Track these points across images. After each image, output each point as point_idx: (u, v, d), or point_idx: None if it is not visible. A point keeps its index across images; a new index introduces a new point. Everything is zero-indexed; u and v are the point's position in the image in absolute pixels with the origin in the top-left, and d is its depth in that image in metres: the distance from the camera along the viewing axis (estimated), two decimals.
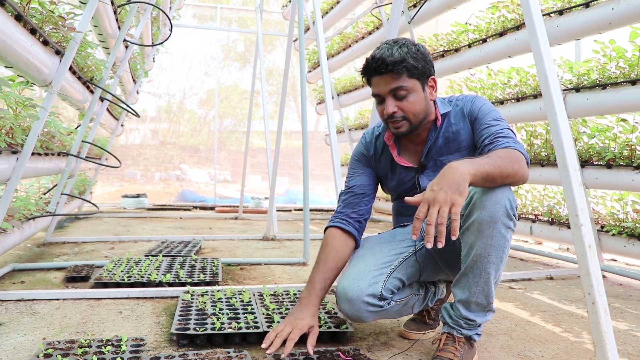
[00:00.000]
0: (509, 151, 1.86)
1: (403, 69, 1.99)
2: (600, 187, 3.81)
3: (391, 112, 2.03)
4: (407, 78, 2.01)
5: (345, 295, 2.05)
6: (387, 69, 1.99)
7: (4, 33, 2.11)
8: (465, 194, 1.63)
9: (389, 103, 2.04)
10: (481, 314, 1.96)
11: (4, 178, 2.67)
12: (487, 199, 1.81)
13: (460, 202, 1.61)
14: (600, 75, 3.58)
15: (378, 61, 2.01)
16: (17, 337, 2.22)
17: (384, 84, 2.03)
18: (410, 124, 2.07)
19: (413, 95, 2.04)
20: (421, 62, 2.03)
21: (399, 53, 1.99)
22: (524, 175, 1.85)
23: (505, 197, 1.81)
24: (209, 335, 2.17)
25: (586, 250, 1.39)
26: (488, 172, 1.74)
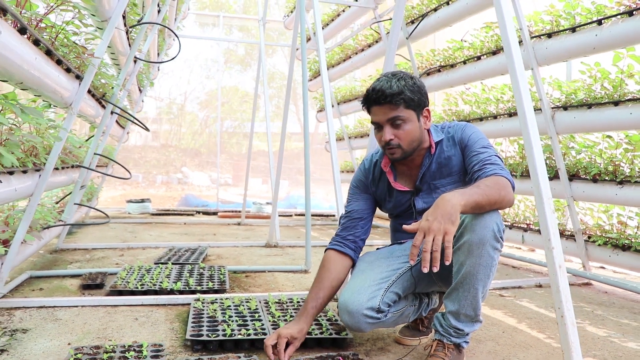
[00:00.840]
0: (496, 178, 2.07)
1: (400, 100, 2.20)
2: (586, 200, 4.02)
3: (388, 139, 2.24)
4: (403, 109, 2.22)
5: (346, 308, 2.26)
6: (386, 100, 2.20)
7: (39, 71, 2.34)
8: (456, 223, 1.84)
9: (386, 131, 2.24)
10: (469, 324, 2.17)
11: (28, 194, 2.87)
12: (477, 223, 2.02)
13: (452, 231, 1.82)
14: (586, 95, 3.79)
15: (378, 93, 2.22)
16: (45, 342, 2.42)
17: (382, 114, 2.24)
18: (404, 152, 2.28)
19: (409, 124, 2.24)
20: (417, 94, 2.24)
21: (397, 86, 2.20)
22: (510, 200, 2.06)
23: (493, 221, 2.02)
24: (221, 341, 2.37)
25: (557, 270, 1.60)
26: (477, 201, 1.95)
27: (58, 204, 4.72)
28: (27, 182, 2.78)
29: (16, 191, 2.55)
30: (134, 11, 4.16)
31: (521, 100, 1.72)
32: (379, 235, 6.62)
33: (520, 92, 1.72)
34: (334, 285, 2.37)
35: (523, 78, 1.75)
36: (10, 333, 2.53)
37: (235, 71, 22.85)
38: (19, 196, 2.66)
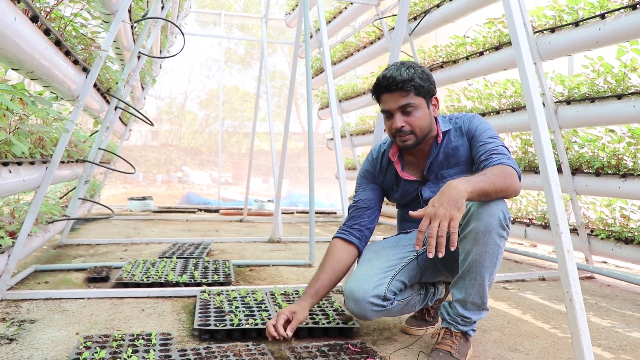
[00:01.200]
0: (503, 167, 2.09)
1: (411, 87, 2.22)
2: (589, 194, 4.03)
3: (399, 126, 2.26)
4: (414, 96, 2.24)
5: (352, 295, 2.27)
6: (397, 86, 2.22)
7: (49, 61, 2.35)
8: (462, 209, 1.85)
9: (397, 118, 2.26)
10: (476, 312, 2.19)
11: (35, 186, 2.89)
12: (483, 211, 2.04)
13: (458, 217, 1.84)
14: (589, 89, 3.81)
15: (389, 80, 2.23)
16: (53, 332, 2.43)
17: (393, 101, 2.26)
18: (416, 138, 2.29)
19: (419, 111, 2.26)
20: (426, 82, 2.26)
21: (407, 73, 2.22)
22: (516, 189, 2.08)
23: (499, 209, 2.04)
24: (228, 330, 2.39)
25: (565, 255, 1.61)
26: (483, 189, 1.96)
27: (62, 199, 4.73)
28: (34, 173, 2.79)
29: (24, 182, 2.56)
30: (139, 6, 4.18)
31: (526, 75, 1.73)
32: (381, 232, 6.63)
33: (525, 69, 1.74)
34: (335, 268, 2.39)
35: (528, 58, 1.77)
36: (18, 323, 2.54)
37: (235, 70, 22.91)
38: (27, 187, 2.67)
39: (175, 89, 22.68)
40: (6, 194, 2.45)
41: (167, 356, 2.02)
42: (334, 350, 2.18)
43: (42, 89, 2.92)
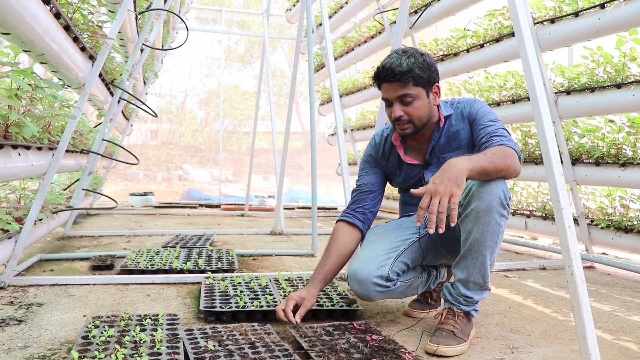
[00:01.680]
0: (503, 148, 2.13)
1: (410, 78, 2.24)
2: (589, 184, 4.07)
3: (398, 115, 2.29)
4: (412, 86, 2.27)
5: (355, 276, 2.31)
6: (395, 78, 2.25)
7: (59, 46, 2.39)
8: (462, 186, 1.89)
9: (396, 108, 2.30)
10: (478, 292, 2.22)
11: (42, 172, 2.92)
12: (484, 190, 2.07)
13: (458, 194, 1.88)
14: (589, 80, 3.85)
15: (387, 71, 2.26)
16: (60, 315, 2.47)
17: (392, 91, 2.29)
18: (415, 127, 2.33)
19: (418, 101, 2.29)
20: (426, 71, 2.28)
21: (406, 63, 2.24)
22: (516, 169, 2.12)
23: (499, 189, 2.07)
24: (234, 312, 2.42)
25: (566, 230, 1.65)
26: (483, 167, 2.00)
27: (66, 190, 4.76)
28: (41, 160, 2.82)
29: (32, 166, 2.59)
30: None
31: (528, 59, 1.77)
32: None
33: (528, 56, 1.78)
34: (342, 254, 2.42)
35: (531, 47, 1.80)
36: (26, 307, 2.58)
37: (235, 69, 22.91)
38: (34, 172, 2.70)
39: (175, 87, 22.68)
40: (15, 178, 2.48)
41: (174, 335, 2.05)
42: (339, 330, 2.21)
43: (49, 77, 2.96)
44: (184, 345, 1.96)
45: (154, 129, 22.57)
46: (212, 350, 1.91)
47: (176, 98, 22.59)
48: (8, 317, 2.39)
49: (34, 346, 2.04)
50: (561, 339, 2.34)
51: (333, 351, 1.93)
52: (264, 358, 1.84)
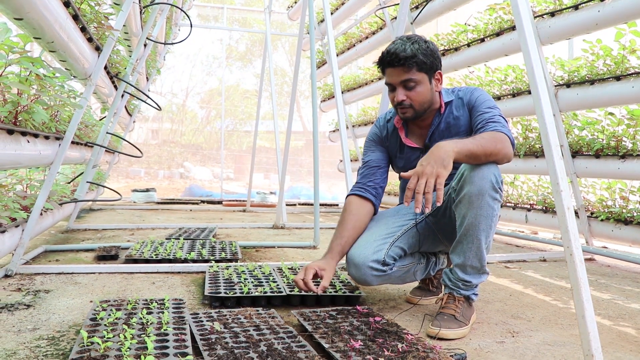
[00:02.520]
0: (494, 133, 2.18)
1: (413, 63, 2.29)
2: (589, 176, 4.10)
3: (400, 100, 2.34)
4: (416, 72, 2.32)
5: (352, 261, 2.36)
6: (399, 62, 2.30)
7: (67, 35, 2.43)
8: (449, 167, 1.95)
9: (399, 92, 2.34)
10: (476, 276, 2.26)
11: (49, 162, 2.96)
12: (475, 174, 2.12)
13: (444, 175, 1.94)
14: (589, 72, 3.88)
15: (392, 55, 2.32)
16: (67, 300, 2.51)
17: (396, 75, 2.34)
18: (415, 112, 2.38)
19: (420, 86, 2.34)
20: (430, 57, 2.33)
21: (410, 49, 2.30)
22: (507, 154, 2.16)
23: (491, 172, 2.12)
24: (238, 298, 2.46)
25: (565, 212, 1.68)
26: (471, 149, 2.06)
27: (70, 183, 4.80)
28: (48, 149, 2.86)
29: (40, 154, 2.63)
30: None
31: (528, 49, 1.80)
32: None
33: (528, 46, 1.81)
34: (357, 226, 2.46)
35: (532, 38, 1.84)
36: (33, 293, 2.62)
37: (236, 68, 22.96)
38: (42, 160, 2.73)
39: (177, 85, 22.75)
40: (24, 165, 2.52)
41: (180, 317, 2.09)
42: (342, 314, 2.25)
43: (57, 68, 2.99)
44: (190, 327, 2.00)
45: (155, 128, 22.66)
46: (218, 331, 1.95)
47: (177, 97, 22.66)
48: (17, 302, 2.43)
49: (42, 328, 2.08)
50: (561, 325, 2.37)
51: (337, 333, 1.97)
52: (269, 339, 1.88)
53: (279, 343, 1.84)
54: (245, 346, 1.79)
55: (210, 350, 1.74)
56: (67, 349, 1.86)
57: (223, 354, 1.71)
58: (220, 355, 1.70)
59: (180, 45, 20.70)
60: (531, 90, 1.77)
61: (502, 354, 1.96)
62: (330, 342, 1.87)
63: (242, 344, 1.82)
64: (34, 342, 1.91)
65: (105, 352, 1.66)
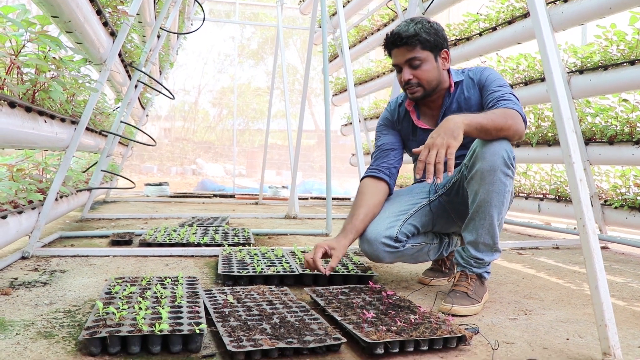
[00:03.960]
0: (505, 110, 2.18)
1: (416, 42, 2.32)
2: (603, 163, 4.07)
3: (407, 79, 2.36)
4: (420, 50, 2.34)
5: (365, 237, 2.39)
6: (402, 42, 2.33)
7: (84, 16, 2.47)
8: (459, 138, 1.96)
9: (405, 71, 2.36)
10: (488, 254, 2.26)
11: (64, 145, 2.99)
12: (487, 150, 2.12)
13: (455, 145, 1.94)
14: (602, 58, 3.86)
15: (395, 36, 2.36)
16: (83, 279, 2.54)
17: (400, 55, 2.37)
18: (424, 90, 2.39)
19: (426, 64, 2.36)
20: (433, 36, 2.35)
21: (413, 29, 2.33)
22: (519, 130, 2.16)
23: (502, 148, 2.12)
24: (251, 276, 2.48)
25: (578, 184, 1.68)
26: (481, 123, 2.06)
27: (85, 172, 4.85)
28: (64, 132, 2.89)
29: (57, 135, 2.66)
30: None
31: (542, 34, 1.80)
32: None
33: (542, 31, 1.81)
34: (370, 205, 2.46)
35: (546, 24, 1.83)
36: (49, 273, 2.65)
37: (247, 65, 23.00)
38: (58, 142, 2.77)
39: (189, 82, 22.85)
40: (41, 145, 2.55)
41: (194, 292, 2.11)
42: (355, 291, 2.26)
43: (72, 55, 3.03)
44: (204, 302, 2.02)
45: (167, 127, 22.78)
46: (231, 304, 1.97)
47: (189, 94, 22.75)
48: (34, 280, 2.47)
49: (59, 303, 2.11)
50: (574, 304, 2.37)
51: (349, 307, 1.98)
52: (282, 312, 1.89)
53: (292, 316, 1.85)
54: (258, 318, 1.81)
55: (223, 322, 1.76)
56: (82, 320, 1.89)
57: (236, 324, 1.72)
58: (234, 325, 1.71)
59: (192, 43, 20.77)
60: (541, 56, 1.77)
61: (515, 329, 1.96)
62: (343, 315, 1.88)
63: (255, 316, 1.84)
64: (50, 315, 1.94)
65: (120, 320, 1.68)
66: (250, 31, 22.51)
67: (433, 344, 1.68)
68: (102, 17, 2.88)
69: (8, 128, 1.97)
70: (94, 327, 1.63)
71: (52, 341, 1.67)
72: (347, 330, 1.74)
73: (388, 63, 7.38)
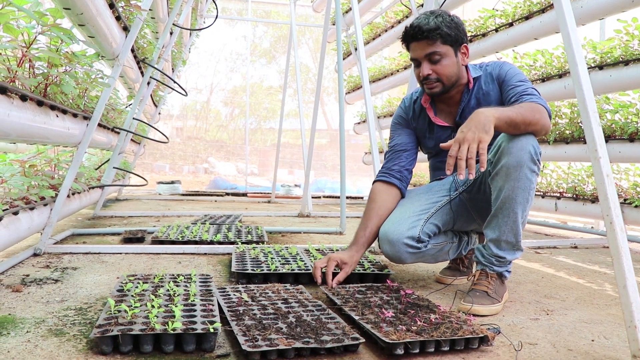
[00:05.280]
0: (531, 104, 2.11)
1: (437, 35, 2.25)
2: (623, 161, 3.98)
3: (426, 74, 2.29)
4: (440, 44, 2.27)
5: (386, 237, 2.31)
6: (422, 35, 2.26)
7: (97, 9, 2.43)
8: (490, 132, 1.88)
9: (424, 66, 2.30)
10: (510, 252, 2.20)
11: (77, 141, 2.96)
12: (513, 145, 2.06)
13: (487, 140, 1.87)
14: (623, 53, 3.77)
15: (415, 29, 2.28)
16: (94, 277, 2.50)
17: (420, 49, 2.29)
18: (443, 85, 2.32)
19: (446, 59, 2.29)
20: (454, 30, 2.28)
21: (434, 22, 2.25)
22: (545, 124, 2.09)
23: (529, 144, 2.05)
24: (265, 274, 2.43)
25: (605, 179, 1.62)
26: (511, 117, 1.99)
27: (97, 169, 4.83)
28: (76, 127, 2.86)
29: (69, 130, 2.63)
30: None
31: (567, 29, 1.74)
32: None
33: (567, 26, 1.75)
34: (381, 215, 2.41)
35: (571, 16, 1.77)
36: (61, 270, 2.62)
37: (259, 64, 22.98)
38: (70, 138, 2.73)
39: (201, 81, 22.88)
40: (52, 140, 2.52)
41: (207, 290, 2.06)
42: (372, 290, 2.21)
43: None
44: (218, 300, 1.97)
45: (179, 126, 22.84)
46: (245, 303, 1.92)
47: (202, 93, 22.78)
48: (45, 277, 2.44)
49: (70, 300, 2.07)
50: (597, 304, 2.30)
51: (366, 306, 1.93)
52: (298, 311, 1.84)
53: (307, 315, 1.81)
54: (273, 317, 1.76)
55: (238, 320, 1.72)
56: (94, 318, 1.85)
57: (251, 323, 1.68)
58: (249, 325, 1.67)
59: (205, 41, 20.79)
60: (566, 52, 1.71)
61: (537, 329, 1.91)
62: (361, 314, 1.83)
63: (271, 315, 1.79)
64: (62, 312, 1.91)
65: (132, 319, 1.64)
66: (262, 30, 22.50)
67: (454, 344, 1.63)
68: (114, 11, 2.84)
69: (19, 122, 1.93)
70: (105, 325, 1.59)
71: (62, 339, 1.63)
72: (365, 330, 1.69)
73: (402, 60, 7.31)
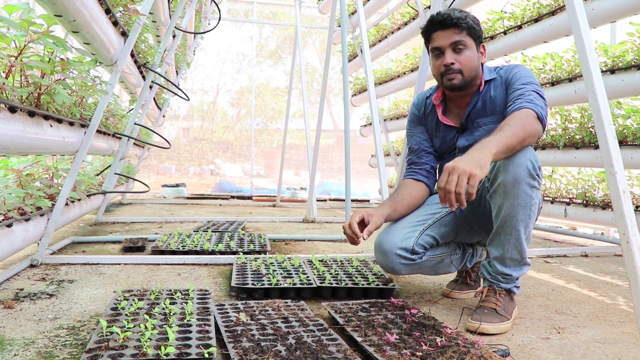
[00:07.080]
0: (517, 114, 2.03)
1: (465, 25, 2.19)
2: (635, 167, 3.88)
3: (449, 62, 2.22)
4: (466, 35, 2.21)
5: (380, 247, 2.24)
6: (451, 22, 2.20)
7: (91, 15, 2.35)
8: (485, 169, 1.77)
9: (447, 55, 2.22)
10: (517, 268, 2.11)
11: (74, 150, 2.89)
12: (509, 162, 1.98)
13: (479, 176, 1.75)
14: (635, 56, 3.67)
15: (444, 16, 2.22)
16: (91, 290, 2.44)
17: (446, 38, 2.22)
18: (463, 78, 2.24)
19: (469, 51, 2.23)
20: (477, 25, 2.24)
21: (460, 13, 2.21)
22: (537, 130, 2.01)
23: (526, 158, 1.97)
24: (266, 289, 2.35)
25: (621, 195, 1.54)
26: (507, 144, 1.90)
27: (98, 175, 4.77)
28: (73, 136, 2.79)
29: (64, 140, 2.56)
30: None
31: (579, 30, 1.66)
32: None
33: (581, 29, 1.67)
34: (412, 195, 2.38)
35: (583, 18, 1.69)
36: (57, 283, 2.56)
37: (266, 65, 22.91)
38: (66, 146, 2.66)
39: (207, 82, 22.83)
40: (47, 150, 2.45)
41: (205, 308, 1.99)
42: (375, 307, 2.13)
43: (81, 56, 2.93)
44: (215, 318, 1.90)
45: (186, 127, 22.79)
46: (244, 322, 1.85)
47: (208, 94, 22.73)
48: (39, 292, 2.37)
49: (63, 318, 2.01)
50: (610, 321, 2.21)
51: (370, 326, 1.85)
52: (298, 332, 1.77)
53: (308, 336, 1.73)
54: (272, 339, 1.69)
55: (235, 342, 1.64)
56: (86, 338, 1.78)
57: (249, 346, 1.60)
58: (246, 347, 1.59)
59: (211, 43, 20.74)
60: (580, 61, 1.62)
61: (548, 350, 1.82)
62: (363, 335, 1.75)
63: (270, 336, 1.71)
64: (53, 332, 1.84)
65: (124, 342, 1.57)
66: (268, 31, 22.43)
67: None
68: (111, 17, 2.77)
69: (8, 134, 1.86)
70: (95, 349, 1.51)
71: None
72: (368, 354, 1.61)
73: (409, 62, 7.21)
